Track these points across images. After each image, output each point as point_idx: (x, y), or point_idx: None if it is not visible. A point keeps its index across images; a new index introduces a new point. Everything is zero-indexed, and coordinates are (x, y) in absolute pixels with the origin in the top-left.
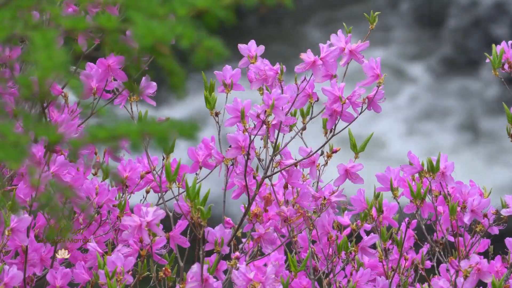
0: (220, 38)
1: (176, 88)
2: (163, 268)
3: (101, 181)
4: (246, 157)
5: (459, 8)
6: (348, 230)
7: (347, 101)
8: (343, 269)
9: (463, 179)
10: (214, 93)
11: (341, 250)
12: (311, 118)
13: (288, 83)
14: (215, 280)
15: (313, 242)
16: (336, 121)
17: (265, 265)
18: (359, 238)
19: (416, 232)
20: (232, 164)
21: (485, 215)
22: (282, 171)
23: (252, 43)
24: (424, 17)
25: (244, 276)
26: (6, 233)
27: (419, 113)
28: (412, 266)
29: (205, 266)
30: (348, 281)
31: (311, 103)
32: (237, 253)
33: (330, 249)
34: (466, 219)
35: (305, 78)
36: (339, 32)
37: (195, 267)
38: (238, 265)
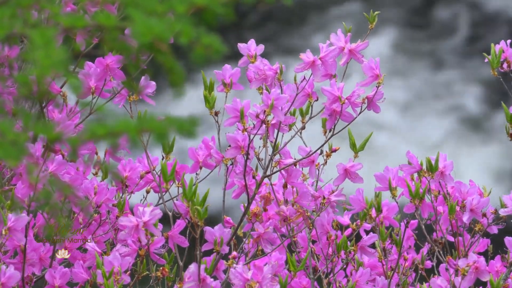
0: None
1: (175, 86)
2: (161, 268)
3: (101, 181)
4: (245, 156)
5: None
6: (349, 231)
7: (346, 101)
8: (343, 269)
9: None
10: (213, 93)
11: (341, 250)
12: (310, 118)
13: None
14: (212, 280)
15: (313, 242)
16: (336, 121)
17: (266, 264)
18: (359, 238)
19: (416, 232)
20: (232, 164)
21: (484, 215)
22: (282, 170)
23: (252, 42)
24: None
25: (241, 276)
26: (3, 232)
27: None
28: (413, 266)
29: (203, 266)
30: (348, 280)
31: (311, 102)
32: (234, 253)
33: (330, 249)
34: (465, 218)
35: (304, 78)
36: (339, 31)
37: (192, 267)
38: (235, 264)
